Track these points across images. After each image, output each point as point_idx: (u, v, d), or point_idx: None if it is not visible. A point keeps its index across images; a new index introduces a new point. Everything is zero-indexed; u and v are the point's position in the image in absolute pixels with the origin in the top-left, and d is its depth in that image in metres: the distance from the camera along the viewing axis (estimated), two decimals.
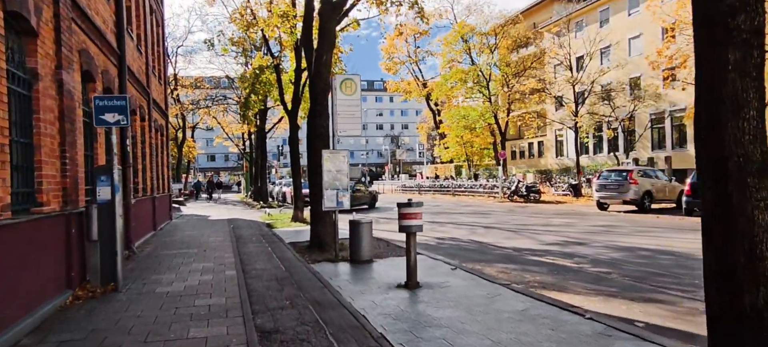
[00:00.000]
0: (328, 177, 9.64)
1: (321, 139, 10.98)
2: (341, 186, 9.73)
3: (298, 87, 17.90)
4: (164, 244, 12.43)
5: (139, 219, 12.26)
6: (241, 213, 24.84)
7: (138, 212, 12.15)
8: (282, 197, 33.04)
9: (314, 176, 10.98)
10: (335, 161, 9.70)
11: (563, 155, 42.68)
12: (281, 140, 59.92)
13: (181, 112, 43.02)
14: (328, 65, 11.08)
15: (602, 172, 19.97)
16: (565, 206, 24.09)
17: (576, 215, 18.67)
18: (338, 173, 9.72)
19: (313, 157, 11.03)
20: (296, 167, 18.07)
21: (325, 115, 11.15)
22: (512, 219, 17.68)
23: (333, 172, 9.67)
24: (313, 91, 11.13)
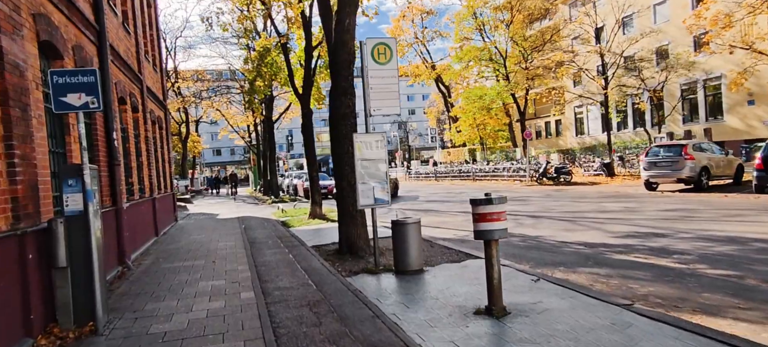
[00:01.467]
0: (361, 167, 7.74)
1: (347, 121, 9.07)
2: (379, 178, 7.83)
3: (309, 68, 15.95)
4: (166, 254, 10.61)
5: (135, 226, 10.43)
6: (251, 210, 23.04)
7: (134, 218, 10.32)
8: (294, 191, 31.21)
9: (341, 167, 9.09)
10: (370, 146, 7.79)
11: (584, 133, 40.53)
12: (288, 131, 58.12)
13: (183, 106, 41.19)
14: (351, 30, 9.11)
15: (650, 147, 17.91)
16: (603, 187, 22.09)
17: (625, 197, 16.69)
18: (374, 162, 7.81)
19: (338, 143, 9.13)
20: (312, 157, 16.18)
21: (351, 91, 9.22)
22: (556, 206, 15.74)
23: (367, 160, 7.77)
24: (335, 64, 9.17)
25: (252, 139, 43.45)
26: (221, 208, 25.26)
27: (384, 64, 8.00)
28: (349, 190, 9.00)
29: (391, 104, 8.07)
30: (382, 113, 8.05)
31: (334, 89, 9.32)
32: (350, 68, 9.21)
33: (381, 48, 7.99)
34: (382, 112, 8.01)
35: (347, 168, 9.02)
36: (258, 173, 39.42)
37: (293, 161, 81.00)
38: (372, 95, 7.95)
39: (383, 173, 7.89)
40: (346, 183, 9.11)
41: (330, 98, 9.42)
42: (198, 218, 20.47)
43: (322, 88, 18.71)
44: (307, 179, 29.05)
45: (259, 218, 18.18)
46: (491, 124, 45.67)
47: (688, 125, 31.03)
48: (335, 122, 9.18)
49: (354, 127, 9.22)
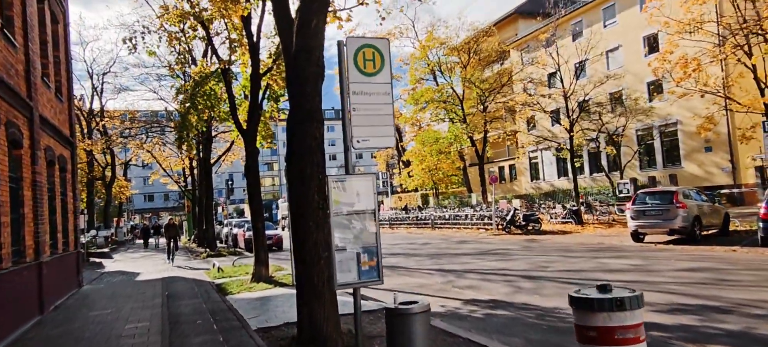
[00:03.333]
0: (339, 224, 5.15)
1: (312, 157, 6.45)
2: (365, 241, 5.25)
3: (255, 99, 13.27)
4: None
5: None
6: (181, 266, 19.48)
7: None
8: (233, 242, 27.68)
9: (303, 221, 6.40)
10: (352, 193, 5.25)
11: (539, 178, 39.69)
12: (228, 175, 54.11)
13: (108, 146, 36.90)
14: (320, 36, 6.62)
15: (637, 195, 16.38)
16: (581, 237, 20.40)
17: (618, 251, 14.86)
18: (359, 217, 5.25)
19: (299, 188, 6.48)
20: (257, 203, 13.30)
21: (319, 117, 6.66)
22: (546, 262, 13.61)
23: (349, 214, 5.21)
24: (297, 80, 6.62)
25: (187, 183, 39.50)
26: (146, 264, 21.46)
27: (373, 75, 5.57)
28: (314, 255, 6.33)
29: (383, 133, 5.59)
30: (370, 146, 5.55)
31: (294, 114, 6.71)
32: (318, 86, 6.68)
33: (368, 52, 5.56)
34: (369, 143, 5.51)
35: (312, 224, 6.38)
36: (192, 222, 35.42)
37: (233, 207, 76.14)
38: (355, 119, 5.45)
39: (372, 233, 5.33)
40: (310, 245, 6.42)
41: (288, 127, 6.79)
42: (113, 280, 16.79)
43: (269, 124, 16.01)
44: (249, 228, 25.86)
45: (189, 280, 14.87)
46: (444, 168, 44.13)
47: (646, 171, 30.58)
48: (295, 158, 6.54)
49: (321, 165, 6.61)
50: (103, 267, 22.09)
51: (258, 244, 13.23)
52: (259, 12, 13.55)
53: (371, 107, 5.52)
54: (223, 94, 15.33)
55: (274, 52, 13.71)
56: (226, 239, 30.32)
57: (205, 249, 24.59)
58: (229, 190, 23.93)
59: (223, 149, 30.55)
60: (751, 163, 23.30)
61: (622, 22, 31.55)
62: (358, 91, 5.47)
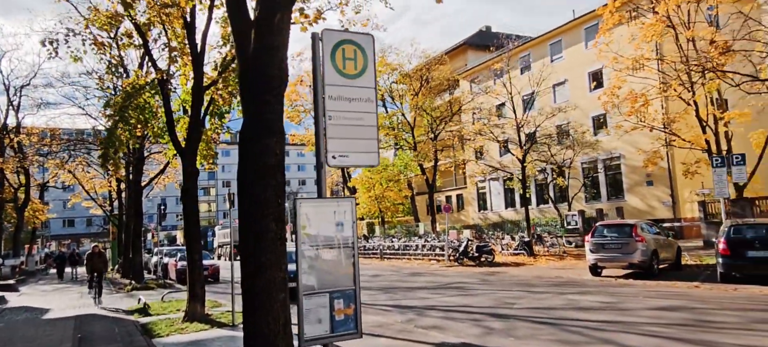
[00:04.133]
0: (308, 261, 3.96)
1: (271, 178, 5.23)
2: (340, 282, 4.09)
3: (197, 114, 11.81)
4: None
5: None
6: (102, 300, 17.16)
7: None
8: (163, 272, 25.23)
9: (257, 254, 5.12)
10: (326, 223, 4.10)
11: (486, 208, 39.69)
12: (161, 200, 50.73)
13: (22, 165, 33.29)
14: (284, 33, 5.47)
15: (595, 228, 16.06)
16: (537, 270, 19.95)
17: (581, 286, 14.35)
18: (334, 253, 4.09)
19: (253, 215, 5.22)
20: (194, 230, 11.68)
21: (280, 130, 5.47)
22: (510, 298, 12.82)
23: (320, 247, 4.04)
24: (255, 83, 5.42)
25: (113, 207, 36.30)
26: (58, 299, 18.84)
27: (354, 77, 4.51)
28: (268, 297, 5.09)
29: (366, 147, 4.50)
30: (349, 163, 4.43)
31: (250, 127, 5.48)
32: (280, 93, 5.50)
33: (349, 50, 4.51)
34: (348, 160, 4.40)
35: (267, 258, 5.14)
36: (118, 250, 32.34)
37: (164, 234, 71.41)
38: (332, 129, 4.34)
39: (349, 273, 4.18)
40: (263, 284, 5.15)
41: (242, 142, 5.54)
42: (15, 318, 14.39)
43: (211, 144, 14.47)
44: (183, 257, 23.65)
45: (108, 319, 12.87)
46: (392, 197, 43.37)
47: (591, 203, 31.09)
48: (250, 178, 5.29)
49: (281, 188, 5.38)
50: (5, 301, 19.22)
51: (194, 277, 11.58)
52: (205, 18, 12.23)
53: (351, 116, 4.44)
54: (159, 108, 13.68)
55: (220, 64, 12.35)
56: (155, 270, 27.71)
57: (131, 281, 22.12)
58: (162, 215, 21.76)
59: (156, 171, 28.17)
60: (695, 197, 24.00)
61: (569, 57, 32.42)
62: (336, 96, 4.38)
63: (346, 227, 4.26)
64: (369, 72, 4.53)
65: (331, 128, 4.32)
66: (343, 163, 4.38)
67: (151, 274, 27.55)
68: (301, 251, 4.06)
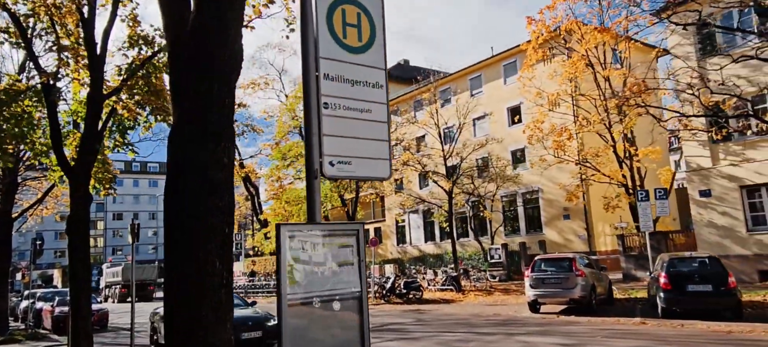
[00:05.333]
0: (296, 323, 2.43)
1: (215, 198, 3.63)
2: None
3: (93, 128, 9.55)
4: None
5: None
6: None
7: None
8: (35, 320, 21.11)
9: (189, 308, 3.45)
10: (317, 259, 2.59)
11: (405, 242, 38.93)
12: (36, 234, 44.32)
13: None
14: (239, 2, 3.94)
15: (535, 261, 15.54)
16: (466, 306, 19.12)
17: (520, 324, 13.60)
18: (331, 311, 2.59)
19: (182, 250, 3.57)
20: (83, 270, 9.26)
21: (229, 134, 3.88)
22: (455, 341, 11.67)
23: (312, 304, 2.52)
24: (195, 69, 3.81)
25: None
26: None
27: (358, 51, 3.10)
28: None
29: (376, 151, 3.08)
30: (354, 174, 2.99)
31: (186, 129, 3.83)
32: (232, 82, 3.93)
33: (351, 13, 3.11)
34: (352, 169, 2.95)
35: (209, 312, 3.54)
36: None
37: (38, 273, 62.50)
38: (328, 123, 2.88)
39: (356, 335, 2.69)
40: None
41: (174, 148, 3.88)
42: None
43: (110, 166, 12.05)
44: (62, 302, 19.98)
45: None
46: None
47: (511, 236, 31.38)
48: (186, 200, 3.63)
49: (229, 212, 3.76)
50: None
51: (78, 327, 9.08)
52: (108, 14, 10.14)
53: (355, 105, 3.02)
54: (42, 119, 11.08)
55: (125, 69, 10.22)
56: (24, 317, 23.27)
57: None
58: (38, 251, 18.09)
59: (31, 200, 24.04)
60: (610, 231, 24.81)
61: (489, 92, 33.06)
62: (334, 74, 2.96)
63: (351, 272, 2.81)
64: (378, 46, 3.16)
65: (329, 122, 2.87)
66: (345, 173, 2.94)
67: (19, 322, 23.10)
68: (287, 308, 2.53)
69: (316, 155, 2.86)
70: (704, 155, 18.82)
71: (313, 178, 2.86)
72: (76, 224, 9.35)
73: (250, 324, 11.13)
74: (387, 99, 3.19)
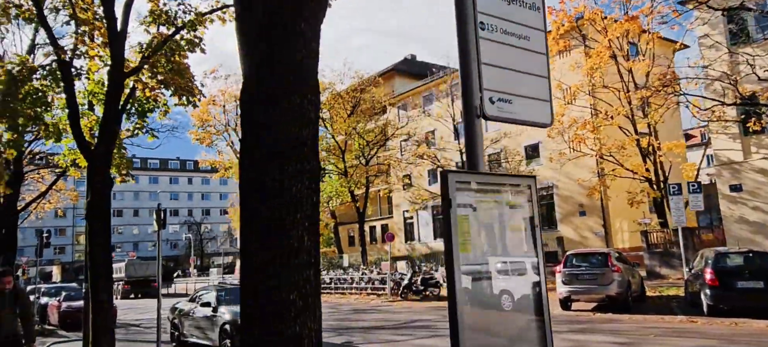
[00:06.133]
0: (475, 297, 1.80)
1: (298, 161, 3.02)
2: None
3: (114, 106, 8.87)
4: None
5: None
6: None
7: None
8: (40, 316, 20.42)
9: (282, 291, 2.84)
10: (492, 216, 1.95)
11: (414, 239, 38.30)
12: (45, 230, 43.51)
13: None
14: None
15: (567, 257, 14.89)
16: None
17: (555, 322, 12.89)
18: (510, 283, 1.94)
19: (263, 228, 2.95)
20: (103, 262, 8.58)
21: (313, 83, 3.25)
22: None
23: (489, 276, 1.86)
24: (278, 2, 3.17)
25: None
26: None
27: None
28: None
29: (536, 91, 2.44)
30: (514, 116, 2.34)
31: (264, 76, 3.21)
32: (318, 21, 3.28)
33: None
34: (513, 110, 2.32)
35: (296, 296, 2.98)
36: None
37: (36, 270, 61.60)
38: (486, 48, 2.22)
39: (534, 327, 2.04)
40: (286, 341, 2.91)
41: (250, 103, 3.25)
42: None
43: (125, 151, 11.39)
44: (70, 296, 19.35)
45: None
46: None
47: None
48: (266, 163, 3.01)
49: (315, 179, 3.14)
50: None
51: (98, 321, 8.41)
52: None
53: (513, 28, 2.38)
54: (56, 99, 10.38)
55: (146, 46, 9.55)
56: None
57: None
58: (45, 244, 17.40)
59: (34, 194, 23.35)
60: (635, 227, 24.21)
61: None
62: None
63: (521, 237, 2.18)
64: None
65: (486, 47, 2.23)
66: (505, 114, 2.31)
67: None
68: (459, 282, 1.89)
69: (475, 89, 2.22)
70: (735, 149, 18.23)
71: (475, 116, 2.21)
72: (96, 211, 8.68)
73: None
74: (545, 26, 2.55)
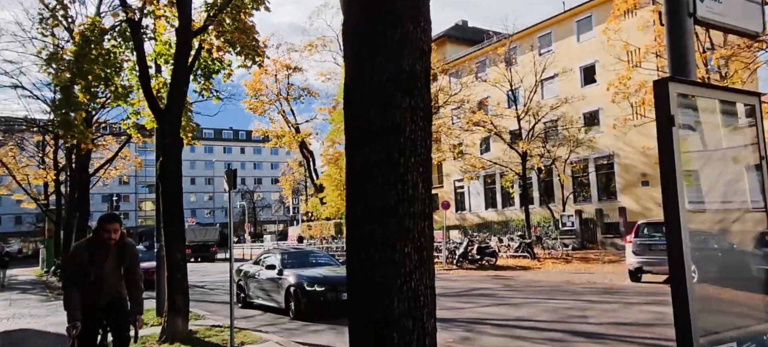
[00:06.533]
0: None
1: (416, 96, 2.81)
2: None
3: (183, 67, 8.86)
4: None
5: None
6: (34, 311, 13.67)
7: None
8: None
9: (402, 245, 2.64)
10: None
11: (465, 209, 37.81)
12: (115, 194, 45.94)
13: None
14: None
15: (638, 226, 14.14)
16: (547, 273, 17.99)
17: (629, 293, 12.37)
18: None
19: (373, 172, 2.72)
20: (176, 223, 8.70)
21: (426, 9, 2.95)
22: (563, 309, 10.63)
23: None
24: None
25: (50, 202, 31.72)
26: None
27: None
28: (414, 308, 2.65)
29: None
30: (725, 22, 1.94)
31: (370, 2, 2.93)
32: None
33: None
34: (723, 13, 1.90)
35: (412, 255, 2.70)
36: (55, 249, 28.00)
37: None
38: None
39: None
40: (404, 306, 2.64)
41: (354, 34, 2.98)
42: None
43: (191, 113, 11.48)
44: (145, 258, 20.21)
45: (46, 335, 9.65)
46: None
47: (580, 204, 29.69)
48: (372, 98, 2.79)
49: (427, 118, 2.88)
50: None
51: (173, 284, 8.58)
52: None
53: None
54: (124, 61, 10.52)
55: (212, 3, 9.44)
56: None
57: None
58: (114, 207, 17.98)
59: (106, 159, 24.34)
60: None
61: (559, 51, 30.96)
62: None
63: (747, 179, 1.83)
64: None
65: None
66: (716, 16, 1.92)
67: None
68: (685, 228, 1.57)
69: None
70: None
71: (686, 15, 1.83)
72: (168, 173, 8.78)
73: None
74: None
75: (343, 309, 10.28)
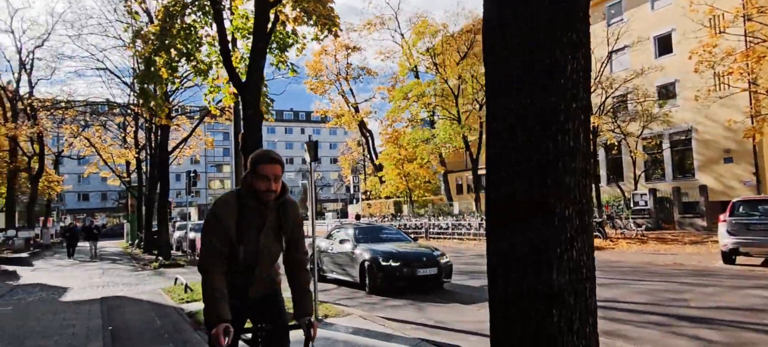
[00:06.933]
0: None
1: (581, 47, 2.41)
2: None
3: (262, 39, 8.94)
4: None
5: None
6: (125, 280, 14.60)
7: None
8: (190, 248, 22.63)
9: (553, 216, 2.28)
10: None
11: None
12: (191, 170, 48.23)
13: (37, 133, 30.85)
14: None
15: (733, 204, 13.08)
16: (624, 253, 17.25)
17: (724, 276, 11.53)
18: None
19: (521, 133, 2.34)
20: None
21: None
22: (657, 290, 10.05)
23: None
24: None
25: (132, 179, 33.70)
26: (76, 276, 16.27)
27: None
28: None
29: None
30: None
31: None
32: None
33: None
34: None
35: (572, 218, 2.32)
36: (137, 224, 29.82)
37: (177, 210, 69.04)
38: None
39: None
40: (566, 280, 2.30)
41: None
42: (27, 297, 11.81)
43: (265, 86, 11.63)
44: None
45: (142, 303, 10.21)
46: (422, 174, 40.32)
47: (653, 182, 28.07)
48: (531, 37, 2.41)
49: (586, 73, 2.51)
50: (17, 277, 16.71)
51: None
52: None
53: None
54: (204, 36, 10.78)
55: None
56: (179, 245, 25.13)
57: (158, 257, 19.55)
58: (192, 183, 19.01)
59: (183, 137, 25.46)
60: None
61: (631, 20, 29.09)
62: None
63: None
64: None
65: None
66: None
67: (176, 250, 24.98)
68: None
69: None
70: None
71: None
72: (250, 141, 8.94)
73: (424, 260, 10.44)
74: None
75: (418, 284, 10.23)
